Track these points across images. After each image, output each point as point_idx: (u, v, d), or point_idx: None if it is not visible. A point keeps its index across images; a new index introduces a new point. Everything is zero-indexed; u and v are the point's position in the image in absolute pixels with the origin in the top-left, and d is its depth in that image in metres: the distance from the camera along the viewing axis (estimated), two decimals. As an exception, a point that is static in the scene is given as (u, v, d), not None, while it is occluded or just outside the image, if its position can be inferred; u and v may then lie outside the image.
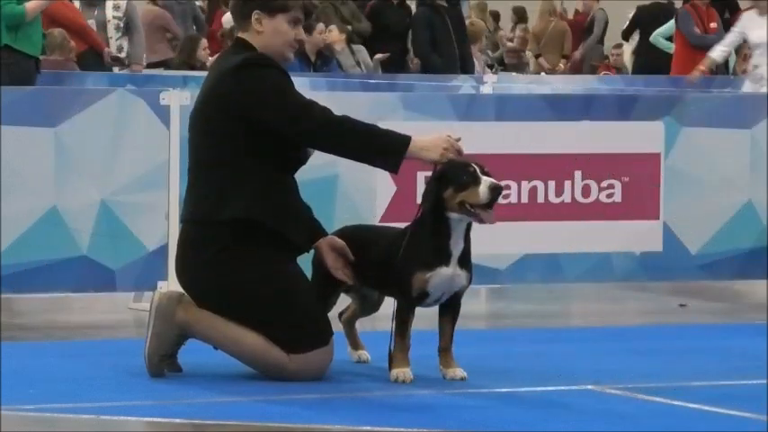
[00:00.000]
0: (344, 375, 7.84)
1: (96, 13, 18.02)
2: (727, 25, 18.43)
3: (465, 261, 7.45)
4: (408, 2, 20.16)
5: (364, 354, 7.73)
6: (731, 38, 14.84)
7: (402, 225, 8.65)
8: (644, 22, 21.79)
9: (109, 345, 8.27)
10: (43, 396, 7.36)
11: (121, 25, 18.52)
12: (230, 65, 7.40)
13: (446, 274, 7.36)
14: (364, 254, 7.69)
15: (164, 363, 7.50)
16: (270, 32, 7.21)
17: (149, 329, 7.41)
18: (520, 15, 28.53)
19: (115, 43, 18.02)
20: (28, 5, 12.76)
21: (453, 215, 7.32)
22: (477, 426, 6.90)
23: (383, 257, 7.56)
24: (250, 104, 7.34)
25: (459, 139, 7.57)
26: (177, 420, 7.05)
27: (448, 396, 7.41)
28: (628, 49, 23.75)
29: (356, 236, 7.73)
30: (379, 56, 19.37)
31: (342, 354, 7.90)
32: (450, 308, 7.56)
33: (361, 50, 20.23)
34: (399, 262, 7.44)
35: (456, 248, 7.42)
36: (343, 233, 7.72)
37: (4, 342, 9.03)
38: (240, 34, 7.40)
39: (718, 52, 15.47)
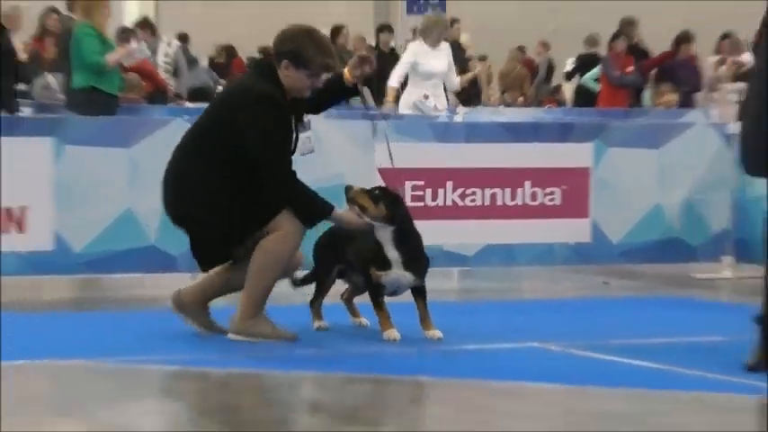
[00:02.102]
0: (349, 337, 8.08)
1: (152, 59, 18.14)
2: (641, 69, 18.91)
3: (410, 265, 7.62)
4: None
5: (363, 320, 7.96)
6: (401, 69, 12.92)
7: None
8: (580, 67, 21.96)
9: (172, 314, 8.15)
10: (128, 350, 7.56)
11: (170, 68, 18.69)
12: (254, 88, 7.50)
13: (393, 276, 7.63)
14: (348, 249, 7.91)
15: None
16: (293, 78, 7.36)
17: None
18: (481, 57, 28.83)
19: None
20: (108, 57, 12.87)
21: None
22: (451, 374, 7.26)
23: (356, 256, 7.85)
24: (253, 138, 7.46)
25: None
26: (242, 370, 7.31)
27: (429, 351, 7.66)
28: (569, 87, 24.20)
29: (343, 234, 7.89)
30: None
31: (347, 322, 8.18)
32: (416, 291, 7.77)
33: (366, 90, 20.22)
34: (362, 262, 7.81)
35: (392, 255, 7.64)
36: (334, 231, 7.90)
37: (97, 311, 9.46)
38: (275, 63, 7.51)
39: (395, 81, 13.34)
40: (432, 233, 8.98)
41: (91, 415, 6.48)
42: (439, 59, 12.90)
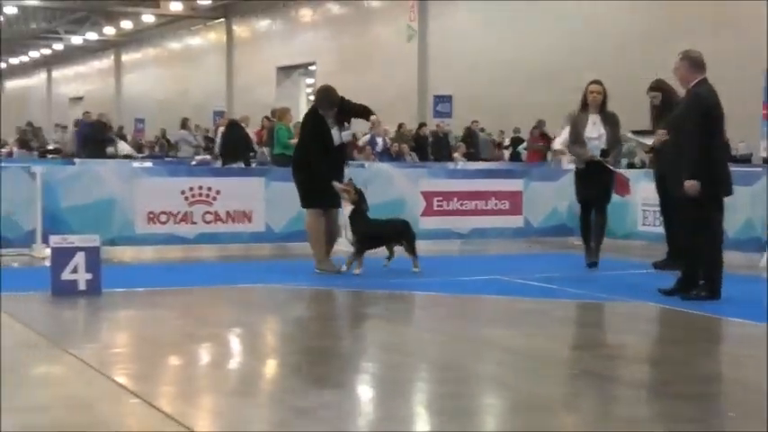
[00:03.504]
0: (379, 273, 10.32)
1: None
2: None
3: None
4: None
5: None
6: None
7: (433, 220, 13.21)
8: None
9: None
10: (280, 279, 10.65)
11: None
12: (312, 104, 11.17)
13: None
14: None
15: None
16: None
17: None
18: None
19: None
20: (291, 141, 16.79)
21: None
22: (434, 289, 9.76)
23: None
24: (303, 126, 11.12)
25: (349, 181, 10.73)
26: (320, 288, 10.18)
27: (439, 281, 10.00)
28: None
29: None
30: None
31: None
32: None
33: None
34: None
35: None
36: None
37: (283, 262, 12.07)
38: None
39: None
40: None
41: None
42: None
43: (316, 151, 10.62)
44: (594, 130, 11.07)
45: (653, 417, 5.28)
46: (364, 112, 10.90)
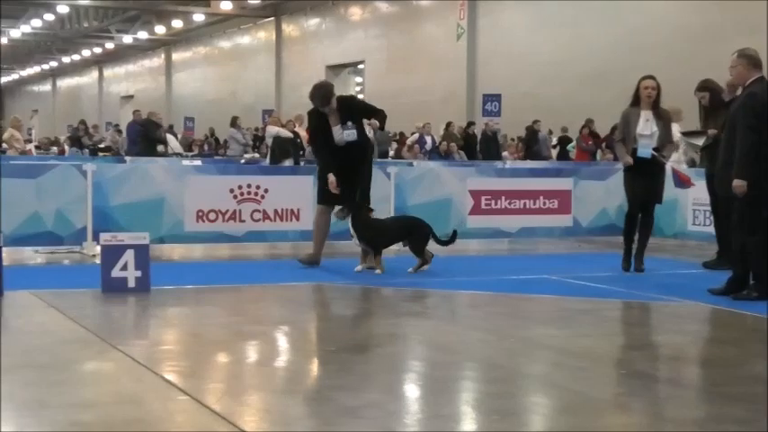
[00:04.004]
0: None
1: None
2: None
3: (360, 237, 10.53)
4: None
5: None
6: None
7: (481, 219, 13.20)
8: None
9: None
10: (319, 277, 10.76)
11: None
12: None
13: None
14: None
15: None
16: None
17: None
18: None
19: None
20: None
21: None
22: (482, 288, 9.80)
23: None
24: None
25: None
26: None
27: (489, 280, 10.00)
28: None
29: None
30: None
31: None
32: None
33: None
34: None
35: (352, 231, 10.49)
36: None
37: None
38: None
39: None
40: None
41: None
42: None
43: (316, 149, 10.84)
44: (647, 128, 10.66)
45: (703, 418, 5.22)
46: (372, 113, 10.76)
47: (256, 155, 25.88)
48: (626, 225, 11.06)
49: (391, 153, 27.94)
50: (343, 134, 10.83)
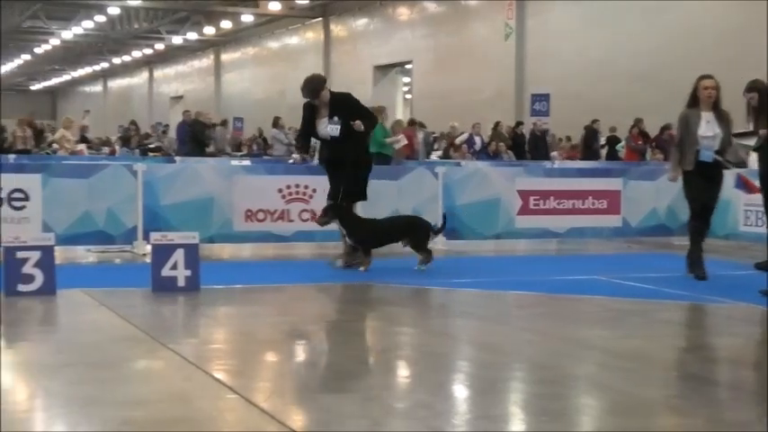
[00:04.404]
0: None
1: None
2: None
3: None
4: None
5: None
6: None
7: (529, 219, 13.10)
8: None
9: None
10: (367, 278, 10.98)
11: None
12: None
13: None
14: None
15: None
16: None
17: None
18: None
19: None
20: (388, 140, 17.23)
21: None
22: (530, 289, 9.75)
23: None
24: None
25: None
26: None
27: (537, 280, 10.00)
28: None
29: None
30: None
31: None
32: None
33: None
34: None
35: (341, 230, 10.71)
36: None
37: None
38: None
39: None
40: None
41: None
42: None
43: (296, 137, 11.52)
44: (709, 129, 10.24)
45: (755, 420, 5.12)
46: (361, 116, 10.84)
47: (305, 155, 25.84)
48: (693, 232, 10.49)
49: (439, 153, 27.87)
50: (327, 128, 10.91)
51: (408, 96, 44.57)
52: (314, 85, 10.98)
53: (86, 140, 28.43)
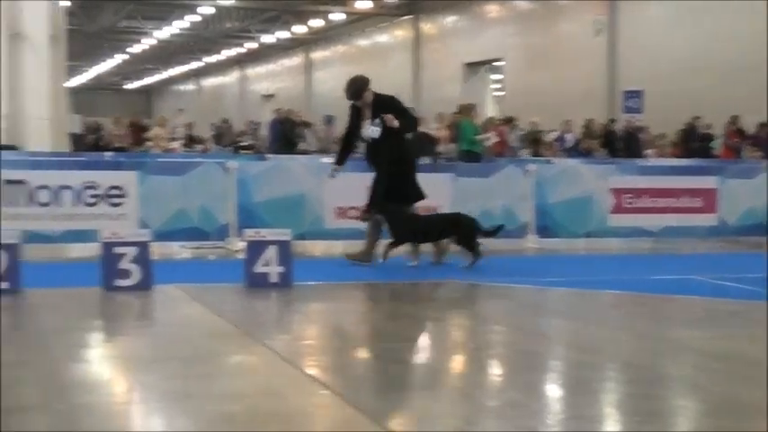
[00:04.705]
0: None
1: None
2: None
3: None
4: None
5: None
6: None
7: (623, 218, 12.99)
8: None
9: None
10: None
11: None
12: None
13: None
14: None
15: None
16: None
17: None
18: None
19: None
20: (478, 137, 17.44)
21: None
22: (624, 288, 9.72)
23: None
24: None
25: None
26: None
27: (632, 279, 9.89)
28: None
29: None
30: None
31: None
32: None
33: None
34: None
35: None
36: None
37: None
38: None
39: None
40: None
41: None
42: None
43: (340, 138, 11.26)
44: None
45: None
46: (399, 115, 10.81)
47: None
48: None
49: (529, 151, 27.64)
50: (369, 130, 10.91)
51: (497, 94, 44.26)
52: (357, 87, 11.01)
53: (192, 138, 28.71)
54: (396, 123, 10.70)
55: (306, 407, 5.13)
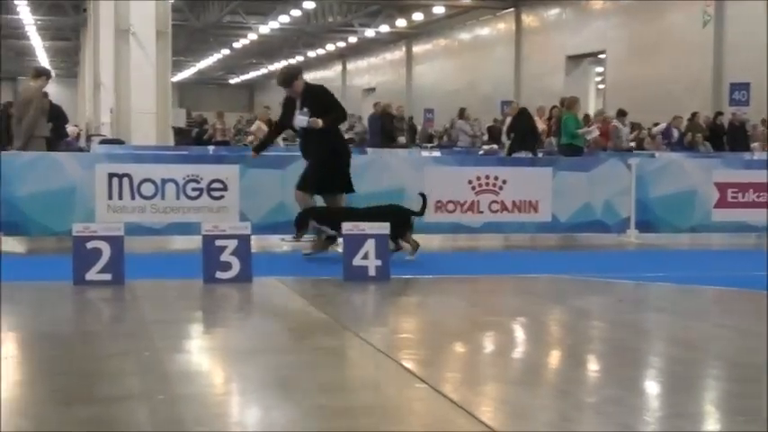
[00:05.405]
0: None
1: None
2: None
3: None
4: None
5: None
6: None
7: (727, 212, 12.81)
8: None
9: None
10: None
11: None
12: None
13: None
14: None
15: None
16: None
17: None
18: None
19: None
20: (580, 131, 17.32)
21: None
22: (725, 284, 9.51)
23: None
24: None
25: None
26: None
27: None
28: None
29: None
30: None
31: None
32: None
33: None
34: None
35: None
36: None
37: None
38: None
39: None
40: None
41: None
42: None
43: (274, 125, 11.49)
44: None
45: None
46: (326, 111, 10.83)
47: (495, 146, 25.81)
48: None
49: (632, 143, 27.29)
50: (297, 119, 11.00)
51: (601, 87, 43.75)
52: (287, 75, 11.16)
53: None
54: (319, 124, 10.82)
55: (402, 400, 5.14)
